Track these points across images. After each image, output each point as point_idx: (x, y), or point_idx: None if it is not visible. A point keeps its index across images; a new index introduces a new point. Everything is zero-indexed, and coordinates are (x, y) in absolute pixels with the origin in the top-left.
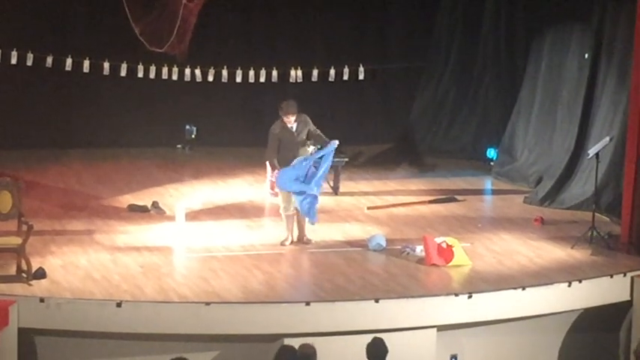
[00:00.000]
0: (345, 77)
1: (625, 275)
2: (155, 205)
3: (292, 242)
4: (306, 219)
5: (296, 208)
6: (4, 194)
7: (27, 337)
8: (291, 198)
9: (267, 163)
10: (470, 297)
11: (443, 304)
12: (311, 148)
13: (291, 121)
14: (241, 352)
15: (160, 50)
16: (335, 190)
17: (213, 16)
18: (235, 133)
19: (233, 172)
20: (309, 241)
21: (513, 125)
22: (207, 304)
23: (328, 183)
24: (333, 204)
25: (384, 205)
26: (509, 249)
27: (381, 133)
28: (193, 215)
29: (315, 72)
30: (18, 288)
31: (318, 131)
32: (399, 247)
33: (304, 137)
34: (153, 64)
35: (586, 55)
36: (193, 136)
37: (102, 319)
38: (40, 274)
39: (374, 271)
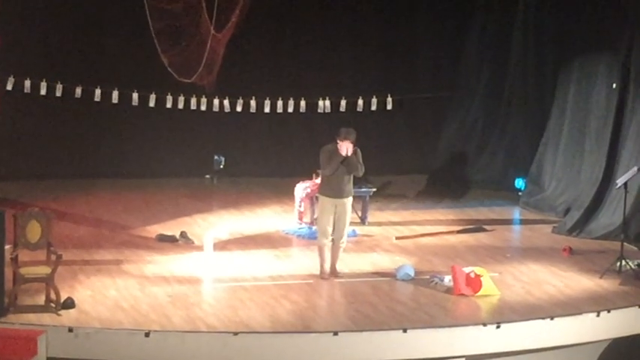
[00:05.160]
0: (373, 107)
1: None
2: (183, 235)
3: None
4: (341, 249)
5: (333, 240)
6: (34, 224)
7: None
8: (328, 229)
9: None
10: (498, 327)
11: (471, 334)
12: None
13: (342, 147)
14: None
15: (189, 81)
16: (363, 220)
17: (242, 47)
18: (263, 164)
19: (261, 202)
20: (339, 274)
21: (541, 155)
22: (235, 334)
23: (356, 213)
24: (361, 234)
25: (412, 235)
26: (537, 279)
27: (409, 163)
28: (221, 245)
29: (343, 102)
30: (47, 318)
31: (360, 160)
32: (427, 276)
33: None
34: (181, 95)
35: (614, 85)
36: (222, 166)
37: (130, 348)
38: (69, 303)
39: (402, 300)
